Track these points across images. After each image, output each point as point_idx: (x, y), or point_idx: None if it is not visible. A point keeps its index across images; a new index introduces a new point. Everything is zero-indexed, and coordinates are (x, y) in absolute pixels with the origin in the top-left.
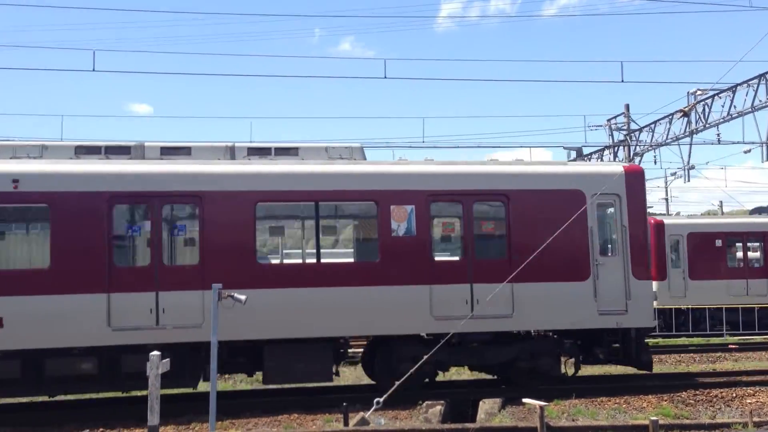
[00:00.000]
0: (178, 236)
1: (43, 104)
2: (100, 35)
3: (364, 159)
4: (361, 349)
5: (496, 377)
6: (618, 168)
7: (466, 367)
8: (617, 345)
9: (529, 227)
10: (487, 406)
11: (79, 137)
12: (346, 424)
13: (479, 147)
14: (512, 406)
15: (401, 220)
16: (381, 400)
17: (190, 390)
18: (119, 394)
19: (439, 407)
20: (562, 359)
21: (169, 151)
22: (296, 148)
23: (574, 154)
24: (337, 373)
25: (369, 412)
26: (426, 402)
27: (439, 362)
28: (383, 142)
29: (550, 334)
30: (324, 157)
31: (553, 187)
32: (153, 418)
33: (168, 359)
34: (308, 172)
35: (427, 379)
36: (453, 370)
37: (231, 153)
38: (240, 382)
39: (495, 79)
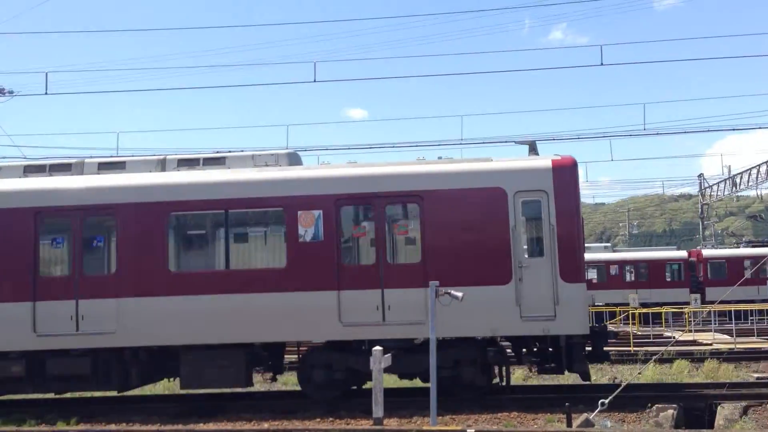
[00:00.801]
0: (95, 247)
1: (269, 116)
2: (320, 47)
3: (299, 164)
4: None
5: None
6: (545, 162)
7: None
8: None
9: (445, 229)
10: (726, 412)
11: (300, 145)
12: (569, 424)
13: (707, 131)
14: (756, 412)
15: (308, 226)
16: (606, 401)
17: (412, 385)
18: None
19: (671, 411)
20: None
21: (105, 166)
22: (224, 158)
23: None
24: (274, 378)
25: (593, 414)
26: (656, 405)
27: (355, 371)
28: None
29: (479, 340)
30: (250, 165)
31: (470, 186)
32: (378, 410)
33: (390, 354)
34: (218, 181)
35: (355, 387)
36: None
37: (162, 165)
38: None
39: (723, 57)
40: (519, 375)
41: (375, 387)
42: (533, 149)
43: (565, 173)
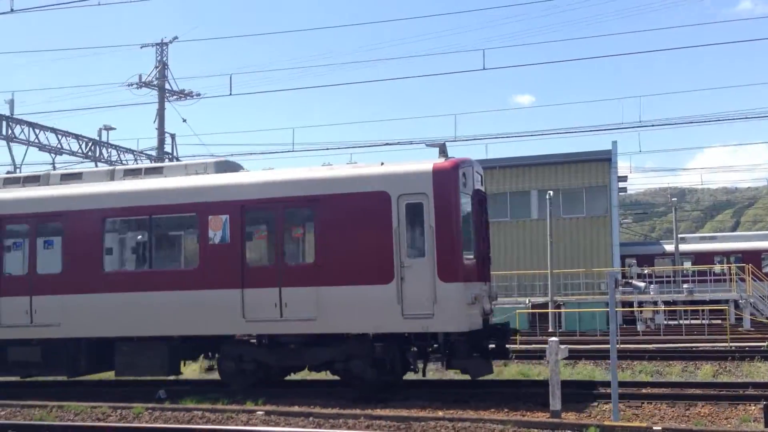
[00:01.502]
0: (47, 249)
1: (438, 106)
2: (488, 34)
3: (234, 171)
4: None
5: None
6: (427, 166)
7: None
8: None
9: (335, 231)
10: None
11: (468, 133)
12: (767, 425)
13: None
14: None
15: (217, 229)
16: None
17: (587, 378)
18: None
19: None
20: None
21: (66, 177)
22: (161, 168)
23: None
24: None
25: None
26: None
27: (266, 364)
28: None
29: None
30: (183, 174)
31: (358, 190)
32: (555, 403)
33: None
34: (145, 189)
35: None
36: None
37: (111, 175)
38: (639, 373)
39: None
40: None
41: (552, 379)
42: (443, 152)
43: (445, 176)
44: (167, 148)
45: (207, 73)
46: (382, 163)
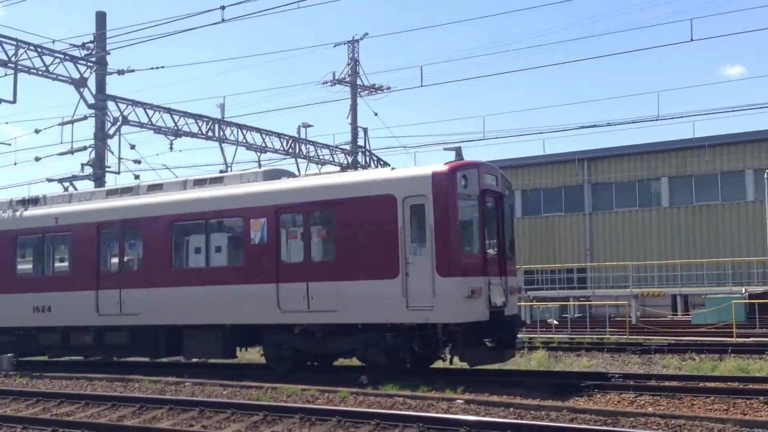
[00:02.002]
0: (132, 250)
1: (638, 84)
2: (695, 2)
3: (276, 179)
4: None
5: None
6: (427, 171)
7: None
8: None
9: (352, 231)
10: None
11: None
12: None
13: None
14: None
15: (257, 231)
16: None
17: None
18: None
19: None
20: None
21: (152, 188)
22: (222, 177)
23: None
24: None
25: None
26: None
27: (300, 351)
28: None
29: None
30: (238, 182)
31: (370, 194)
32: None
33: None
34: (202, 197)
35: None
36: None
37: (184, 185)
38: None
39: None
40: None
41: None
42: (459, 155)
43: (442, 180)
44: (360, 142)
45: (397, 66)
46: (392, 168)
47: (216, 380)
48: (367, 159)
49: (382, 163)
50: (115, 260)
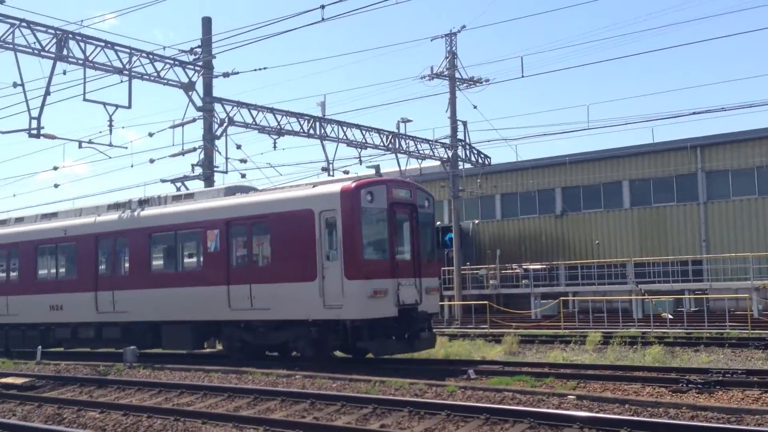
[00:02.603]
0: (109, 258)
1: (753, 66)
2: None
3: (236, 194)
4: None
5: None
6: (337, 188)
7: None
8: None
9: (282, 241)
10: None
11: None
12: None
13: None
14: None
15: (213, 240)
16: None
17: None
18: None
19: None
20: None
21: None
22: (192, 194)
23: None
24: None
25: None
26: None
27: (248, 343)
28: None
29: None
30: (213, 196)
31: (295, 209)
32: None
33: None
34: (173, 212)
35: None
36: None
37: (159, 201)
38: None
39: None
40: None
41: None
42: (377, 173)
43: (348, 196)
44: (460, 135)
45: (496, 57)
46: (314, 185)
47: (326, 373)
48: (467, 152)
49: (482, 156)
50: (109, 266)
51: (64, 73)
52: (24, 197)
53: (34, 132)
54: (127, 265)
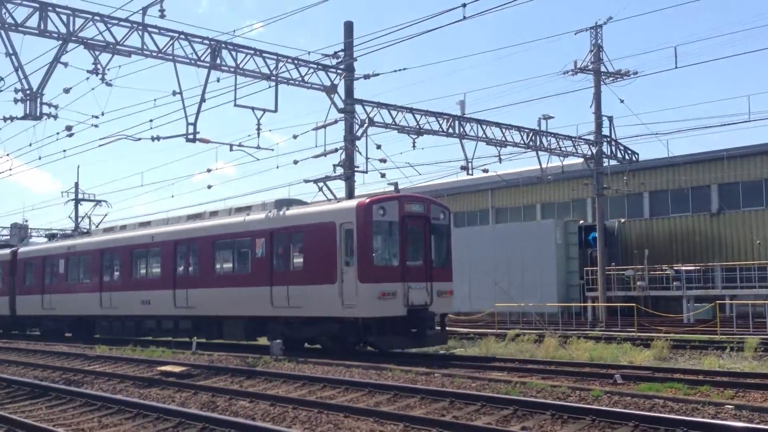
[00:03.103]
0: (183, 261)
1: None
2: None
3: (283, 207)
4: None
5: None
6: (354, 203)
7: None
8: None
9: (312, 249)
10: None
11: None
12: None
13: None
14: None
15: (260, 248)
16: None
17: None
18: None
19: None
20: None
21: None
22: (249, 207)
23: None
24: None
25: None
26: None
27: (287, 336)
28: None
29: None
30: (264, 209)
31: (320, 221)
32: None
33: None
34: (231, 222)
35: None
36: None
37: (230, 212)
38: None
39: None
40: None
41: None
42: (396, 189)
43: (362, 211)
44: (605, 131)
45: (645, 49)
46: (338, 201)
47: (465, 371)
48: (613, 149)
49: (629, 152)
50: (184, 268)
51: (218, 80)
52: (181, 198)
53: (191, 137)
54: (196, 267)
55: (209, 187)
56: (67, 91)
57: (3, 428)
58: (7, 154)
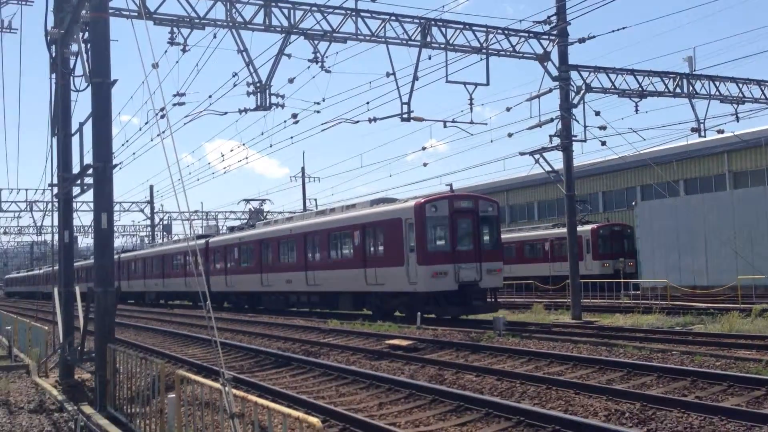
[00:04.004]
0: (311, 249)
1: None
2: None
3: (379, 204)
4: None
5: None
6: (412, 204)
7: None
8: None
9: (388, 238)
10: None
11: None
12: None
13: None
14: None
15: (357, 238)
16: None
17: None
18: None
19: None
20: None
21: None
22: (354, 205)
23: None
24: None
25: None
26: None
27: (380, 307)
28: None
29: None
30: (363, 207)
31: (393, 217)
32: None
33: None
34: (339, 218)
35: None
36: None
37: (327, 212)
38: None
39: None
40: None
41: None
42: (451, 189)
43: (418, 209)
44: None
45: None
46: (406, 201)
47: (705, 349)
48: None
49: None
50: (311, 254)
51: (429, 58)
52: (398, 177)
53: (405, 116)
54: (320, 254)
55: (425, 164)
56: (291, 81)
57: (255, 393)
58: (243, 144)
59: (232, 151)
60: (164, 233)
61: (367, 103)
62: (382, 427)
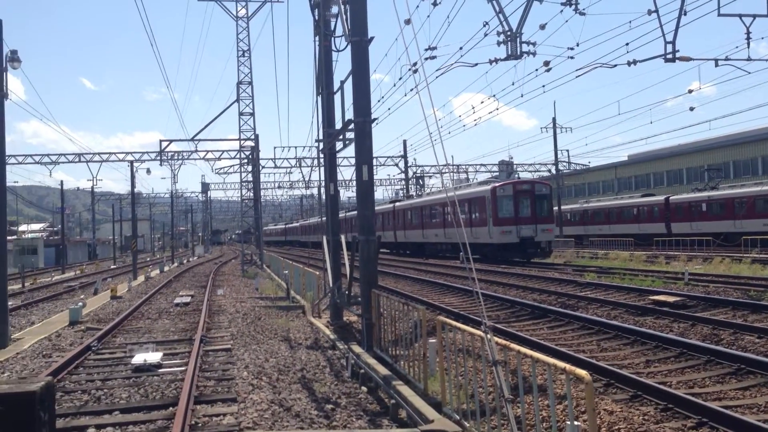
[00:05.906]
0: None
1: None
2: None
3: (491, 182)
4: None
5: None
6: (489, 186)
7: None
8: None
9: (476, 208)
10: None
11: None
12: None
13: None
14: None
15: (465, 207)
16: None
17: None
18: None
19: None
20: None
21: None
22: (470, 184)
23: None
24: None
25: None
26: None
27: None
28: None
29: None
30: (477, 186)
31: (481, 195)
32: None
33: None
34: (459, 193)
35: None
36: None
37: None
38: None
39: None
40: None
41: None
42: (509, 174)
43: (492, 191)
44: None
45: None
46: (489, 182)
47: None
48: None
49: None
50: (445, 217)
51: None
52: (659, 124)
53: (670, 56)
54: (448, 217)
55: (691, 109)
56: (542, 27)
57: (516, 342)
58: (493, 95)
59: (482, 103)
60: (417, 186)
61: (626, 44)
62: (653, 386)
